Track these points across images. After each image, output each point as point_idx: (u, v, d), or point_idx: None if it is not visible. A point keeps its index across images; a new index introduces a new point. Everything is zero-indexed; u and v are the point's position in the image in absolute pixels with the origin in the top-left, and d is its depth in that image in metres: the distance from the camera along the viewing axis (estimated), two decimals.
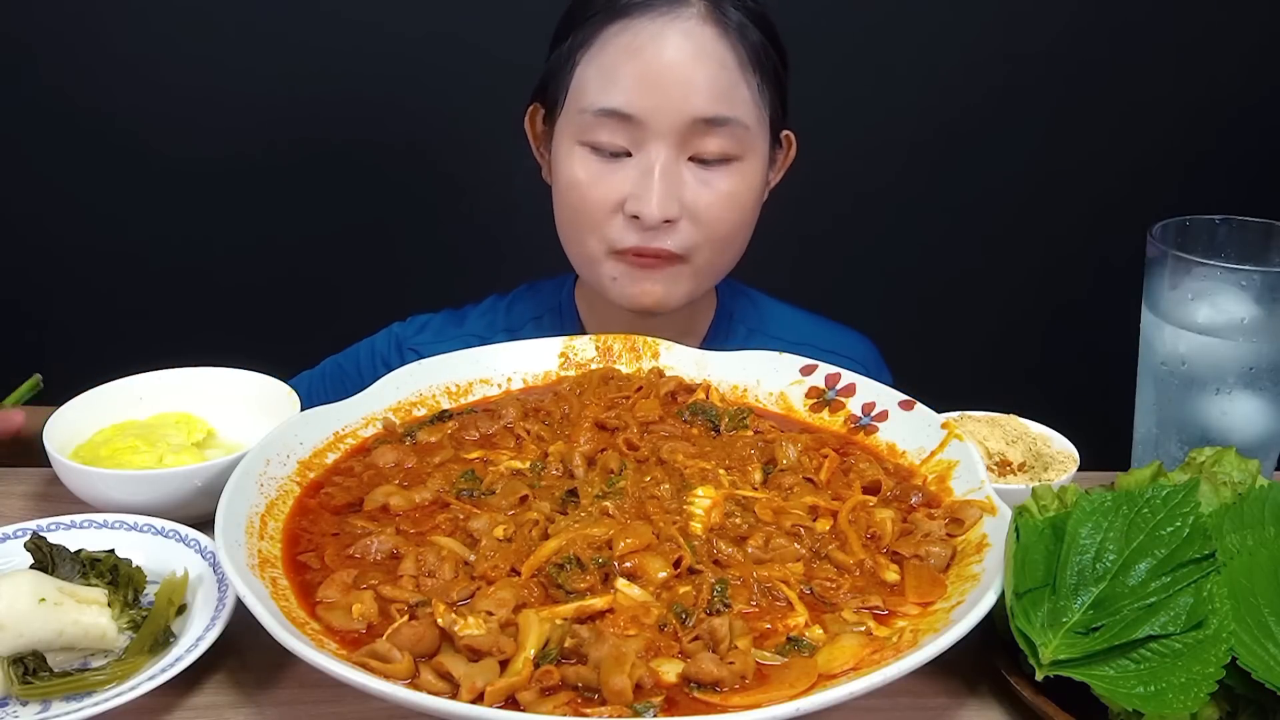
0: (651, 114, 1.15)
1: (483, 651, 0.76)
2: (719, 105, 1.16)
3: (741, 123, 1.18)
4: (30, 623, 0.83)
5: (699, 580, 0.84)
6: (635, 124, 1.16)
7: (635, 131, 1.17)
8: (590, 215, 1.21)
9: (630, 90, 1.15)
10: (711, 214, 1.20)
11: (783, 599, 0.84)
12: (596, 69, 1.18)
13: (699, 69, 1.15)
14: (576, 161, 1.20)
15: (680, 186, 1.18)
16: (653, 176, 1.16)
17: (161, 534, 0.97)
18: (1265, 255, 1.07)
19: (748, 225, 1.26)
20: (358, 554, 0.89)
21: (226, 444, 1.16)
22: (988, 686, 0.84)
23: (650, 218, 1.16)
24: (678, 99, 1.15)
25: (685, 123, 1.16)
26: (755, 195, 1.24)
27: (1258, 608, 0.76)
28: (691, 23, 1.15)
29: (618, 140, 1.18)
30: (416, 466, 1.02)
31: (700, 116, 1.16)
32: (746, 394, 1.17)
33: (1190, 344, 1.04)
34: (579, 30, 1.20)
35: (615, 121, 1.17)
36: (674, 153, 1.17)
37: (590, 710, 0.73)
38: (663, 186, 1.16)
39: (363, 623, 0.81)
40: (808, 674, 0.75)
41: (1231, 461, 0.92)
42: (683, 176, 1.18)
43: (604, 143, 1.18)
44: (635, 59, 1.15)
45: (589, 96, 1.18)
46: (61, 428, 1.09)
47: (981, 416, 1.13)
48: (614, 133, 1.18)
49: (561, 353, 1.21)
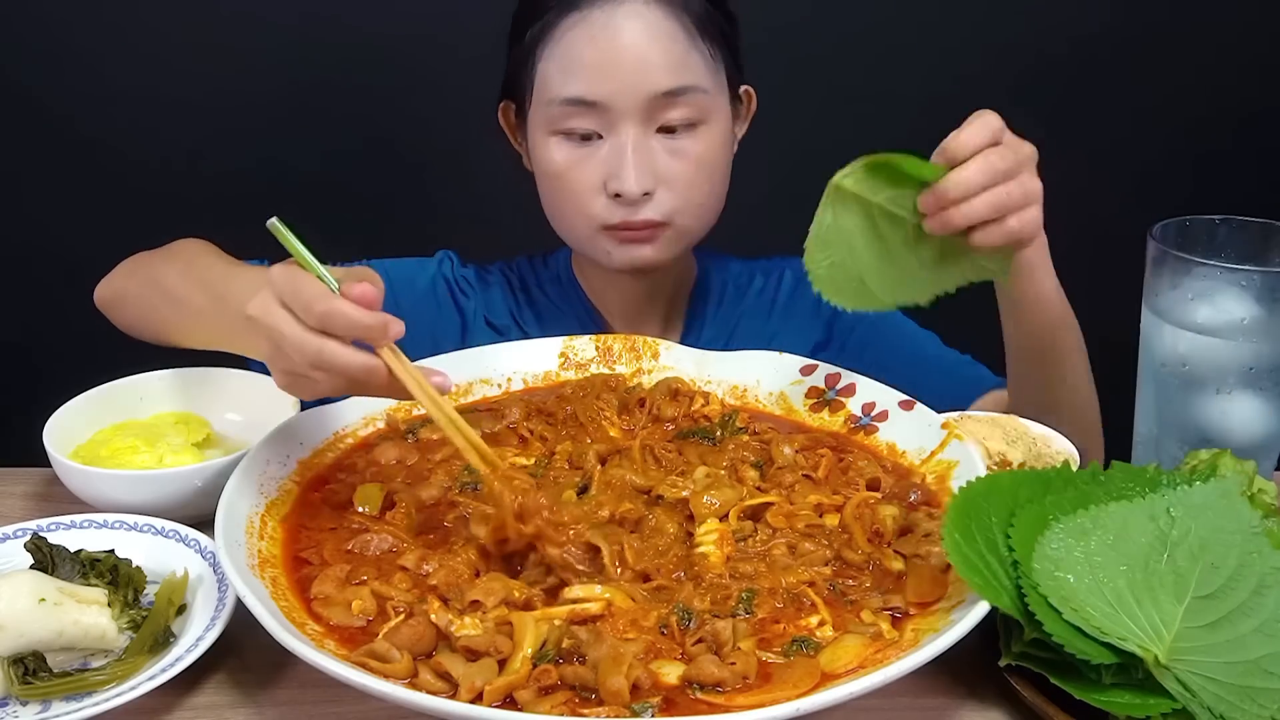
0: (614, 97, 1.21)
1: (480, 651, 0.76)
2: (676, 77, 1.22)
3: (700, 88, 1.24)
4: (30, 623, 0.83)
5: (725, 590, 0.84)
6: (601, 108, 1.22)
7: (602, 115, 1.22)
8: (574, 199, 1.27)
9: (591, 78, 1.21)
10: (685, 179, 1.26)
11: (809, 601, 0.84)
12: (557, 62, 1.23)
13: (652, 46, 1.21)
14: (552, 150, 1.26)
15: (652, 159, 1.24)
16: (626, 154, 1.22)
17: (161, 534, 0.97)
18: (1265, 255, 1.07)
19: (722, 182, 1.32)
20: (356, 549, 0.89)
21: (226, 444, 1.16)
22: (988, 686, 0.84)
23: (630, 193, 1.22)
24: (637, 78, 1.21)
25: (647, 99, 1.21)
26: (723, 153, 1.31)
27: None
28: (639, 4, 1.21)
29: (587, 125, 1.23)
30: (418, 463, 1.02)
31: (660, 91, 1.21)
32: (746, 394, 1.17)
33: (1190, 344, 1.04)
34: (534, 26, 1.25)
35: (582, 109, 1.23)
36: (642, 129, 1.23)
37: (588, 710, 0.73)
38: (637, 162, 1.22)
39: (363, 618, 0.81)
40: (810, 674, 0.76)
41: (1228, 463, 0.92)
42: (653, 149, 1.24)
43: (574, 128, 1.24)
44: (592, 47, 1.21)
45: (553, 89, 1.24)
46: (61, 428, 1.09)
47: (981, 416, 1.13)
48: (582, 119, 1.23)
49: (561, 353, 1.21)
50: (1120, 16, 2.15)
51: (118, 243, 2.04)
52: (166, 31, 2.01)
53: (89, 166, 2.07)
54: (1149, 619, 0.76)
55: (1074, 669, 0.77)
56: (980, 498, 0.84)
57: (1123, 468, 0.90)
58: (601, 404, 1.12)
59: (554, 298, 1.43)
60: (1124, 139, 2.21)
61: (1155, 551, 0.80)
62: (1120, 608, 0.77)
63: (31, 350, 2.12)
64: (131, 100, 2.03)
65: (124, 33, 2.01)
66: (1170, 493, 0.83)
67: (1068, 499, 0.84)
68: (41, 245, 2.11)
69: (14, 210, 2.09)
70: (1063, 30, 2.15)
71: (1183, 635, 0.76)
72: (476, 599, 0.81)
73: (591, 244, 1.29)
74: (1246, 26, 2.18)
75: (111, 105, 2.04)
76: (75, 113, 2.04)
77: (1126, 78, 2.19)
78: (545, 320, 1.40)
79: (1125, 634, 0.75)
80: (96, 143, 2.05)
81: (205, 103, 2.06)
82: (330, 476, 1.00)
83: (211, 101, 2.06)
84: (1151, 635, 0.76)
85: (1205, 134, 2.22)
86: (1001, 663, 0.81)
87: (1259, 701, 0.73)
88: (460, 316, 1.40)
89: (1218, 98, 2.21)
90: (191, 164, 2.08)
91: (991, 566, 0.80)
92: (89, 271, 2.14)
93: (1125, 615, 0.76)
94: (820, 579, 0.87)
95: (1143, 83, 2.19)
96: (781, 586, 0.85)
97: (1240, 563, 0.79)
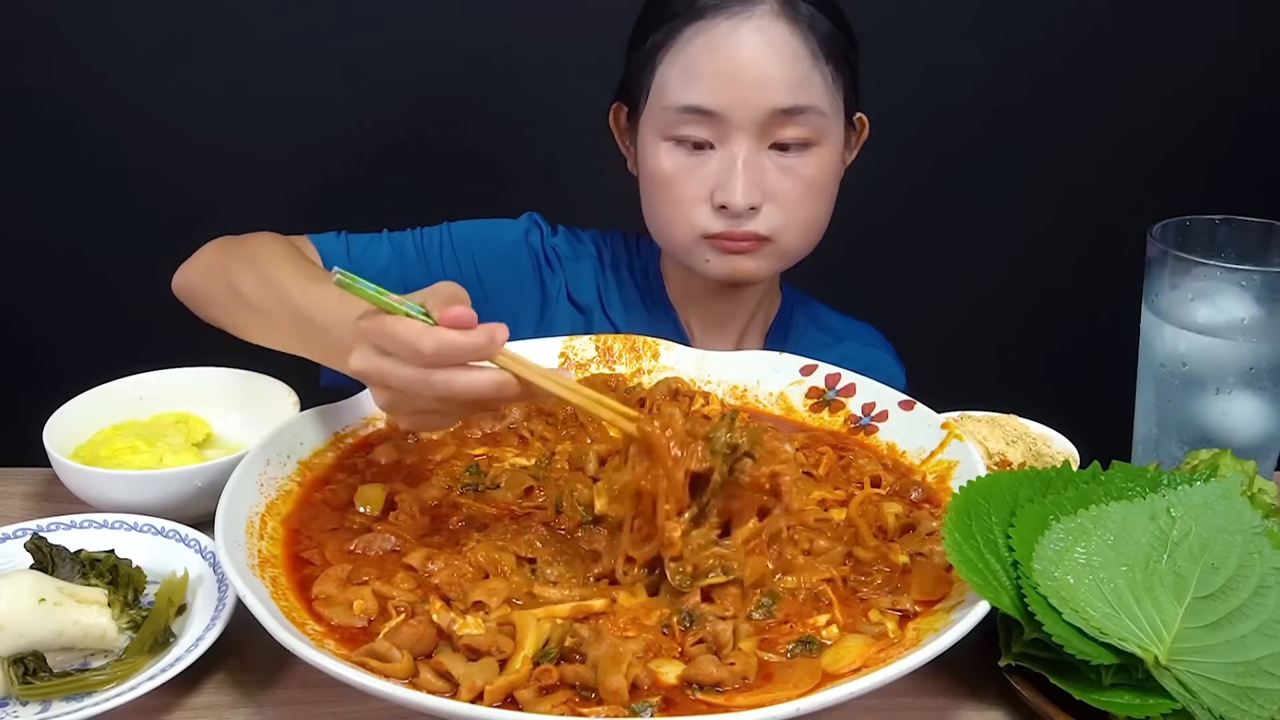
0: (731, 108, 1.21)
1: (481, 650, 0.76)
2: (795, 95, 1.22)
3: (817, 110, 1.24)
4: (30, 623, 0.83)
5: (745, 596, 0.84)
6: (717, 119, 1.22)
7: (717, 125, 1.23)
8: (679, 206, 1.27)
9: (710, 87, 1.21)
10: (793, 198, 1.26)
11: (826, 600, 0.84)
12: (677, 69, 1.23)
13: (774, 63, 1.21)
14: (663, 155, 1.26)
15: (762, 174, 1.24)
16: (736, 167, 1.22)
17: (161, 534, 0.97)
18: (1265, 255, 1.07)
19: (828, 205, 1.33)
20: (358, 549, 0.89)
21: (226, 444, 1.16)
22: (988, 686, 0.85)
23: (736, 206, 1.22)
24: (756, 93, 1.21)
25: (764, 114, 1.21)
26: (833, 177, 1.31)
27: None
28: (765, 19, 1.21)
29: (701, 134, 1.24)
30: (418, 463, 1.02)
31: (778, 108, 1.21)
32: (746, 394, 1.17)
33: (1190, 344, 1.04)
34: (657, 32, 1.25)
35: (698, 117, 1.23)
36: (755, 143, 1.23)
37: (587, 710, 0.73)
38: (746, 176, 1.22)
39: (364, 618, 0.81)
40: (812, 674, 0.76)
41: (1228, 463, 0.92)
42: (764, 165, 1.24)
43: (688, 136, 1.24)
44: (714, 57, 1.21)
45: (671, 95, 1.24)
46: (61, 428, 1.09)
47: (981, 416, 1.13)
48: (697, 127, 1.23)
49: (561, 353, 1.21)
50: (1121, 17, 2.15)
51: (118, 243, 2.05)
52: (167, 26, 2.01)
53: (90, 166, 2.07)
54: (1149, 619, 0.76)
55: (1074, 669, 0.77)
56: (980, 497, 0.84)
57: (1123, 467, 0.90)
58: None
59: (641, 288, 1.43)
60: (1124, 139, 2.21)
61: (1155, 552, 0.80)
62: (1120, 608, 0.77)
63: (32, 350, 2.12)
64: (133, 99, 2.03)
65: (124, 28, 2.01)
66: (1171, 493, 0.83)
67: (1068, 499, 0.84)
68: (42, 245, 2.11)
69: (14, 210, 2.09)
70: (1063, 31, 2.15)
71: (1183, 636, 0.76)
72: (480, 599, 0.81)
73: (690, 252, 1.29)
74: (1247, 27, 2.18)
75: (114, 104, 2.03)
76: (77, 112, 2.03)
77: (1127, 78, 2.19)
78: (630, 309, 1.40)
79: (1125, 634, 0.75)
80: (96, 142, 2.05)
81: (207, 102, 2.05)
82: (330, 477, 1.00)
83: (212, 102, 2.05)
84: (1151, 636, 0.76)
85: (1206, 134, 2.22)
86: (1001, 663, 0.81)
87: (1259, 702, 0.73)
88: (541, 292, 1.39)
89: (1218, 98, 2.21)
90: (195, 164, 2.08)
91: (991, 566, 0.80)
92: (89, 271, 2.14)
93: (1125, 616, 0.76)
94: (838, 575, 0.87)
95: (1143, 83, 2.19)
96: (804, 587, 0.85)
97: (1241, 563, 0.79)
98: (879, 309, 1.58)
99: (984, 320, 2.32)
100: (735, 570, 0.84)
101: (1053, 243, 2.25)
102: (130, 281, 2.12)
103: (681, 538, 0.83)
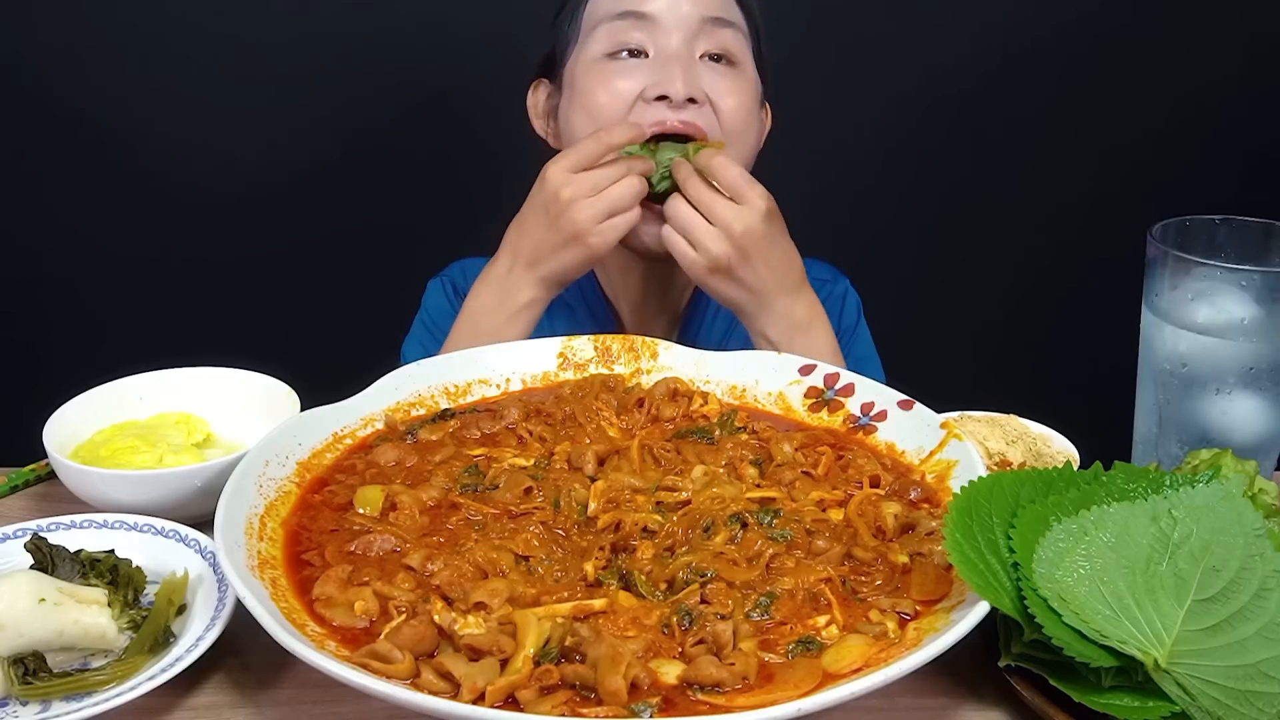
0: (665, 12, 1.29)
1: (483, 650, 0.76)
2: (724, 9, 1.32)
3: (741, 29, 1.33)
4: (30, 623, 0.83)
5: (742, 597, 0.84)
6: (651, 22, 1.29)
7: (651, 29, 1.29)
8: (616, 108, 1.30)
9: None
10: (727, 102, 1.31)
11: (825, 601, 0.84)
12: None
13: None
14: (596, 71, 1.31)
15: (698, 76, 1.30)
16: (674, 63, 1.28)
17: (161, 534, 0.97)
18: (1265, 255, 1.07)
19: (754, 130, 1.37)
20: (358, 550, 0.89)
21: (226, 444, 1.16)
22: (988, 686, 0.85)
23: (677, 94, 1.27)
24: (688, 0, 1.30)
25: (697, 19, 1.29)
26: (756, 104, 1.36)
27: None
28: None
29: (636, 37, 1.30)
30: (417, 464, 1.02)
31: (707, 15, 1.30)
32: (745, 394, 1.17)
33: (1190, 344, 1.04)
34: None
35: (632, 21, 1.29)
36: (689, 47, 1.30)
37: (587, 710, 0.73)
38: (684, 70, 1.28)
39: (365, 619, 0.81)
40: (812, 674, 0.75)
41: (1229, 463, 0.92)
42: (699, 70, 1.30)
43: (623, 43, 1.30)
44: None
45: (604, 7, 1.31)
46: (61, 428, 1.09)
47: (981, 416, 1.13)
48: (632, 32, 1.30)
49: (560, 353, 1.21)
50: (1121, 17, 2.15)
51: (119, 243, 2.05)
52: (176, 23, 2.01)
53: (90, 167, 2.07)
54: (1149, 622, 0.76)
55: (1074, 671, 0.77)
56: (982, 498, 0.84)
57: (1125, 468, 0.90)
58: (600, 404, 1.11)
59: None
60: (1125, 139, 2.21)
61: (1156, 553, 0.80)
62: (1120, 610, 0.77)
63: (32, 350, 2.12)
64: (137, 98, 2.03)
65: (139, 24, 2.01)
66: (1172, 494, 0.83)
67: (1069, 499, 0.84)
68: (42, 245, 2.11)
69: (14, 210, 2.09)
70: (1063, 31, 2.15)
71: (1183, 638, 0.76)
72: (481, 600, 0.81)
73: None
74: (1247, 26, 2.18)
75: (118, 103, 2.03)
76: (78, 112, 2.04)
77: (1128, 78, 2.19)
78: (551, 308, 1.39)
79: (1125, 637, 0.75)
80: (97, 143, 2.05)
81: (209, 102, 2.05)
82: (329, 478, 1.00)
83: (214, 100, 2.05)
84: (1151, 638, 0.75)
85: (1206, 134, 2.23)
86: (1001, 663, 0.81)
87: (1258, 705, 0.73)
88: None
89: (1219, 98, 2.21)
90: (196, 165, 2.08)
91: (992, 567, 0.80)
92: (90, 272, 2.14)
93: (1125, 618, 0.76)
94: (837, 576, 0.87)
95: (1144, 83, 2.19)
96: (801, 587, 0.85)
97: (1242, 566, 0.78)
98: (879, 309, 1.58)
99: (984, 320, 2.33)
100: (710, 568, 0.85)
101: (1053, 243, 2.25)
102: (131, 282, 2.13)
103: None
